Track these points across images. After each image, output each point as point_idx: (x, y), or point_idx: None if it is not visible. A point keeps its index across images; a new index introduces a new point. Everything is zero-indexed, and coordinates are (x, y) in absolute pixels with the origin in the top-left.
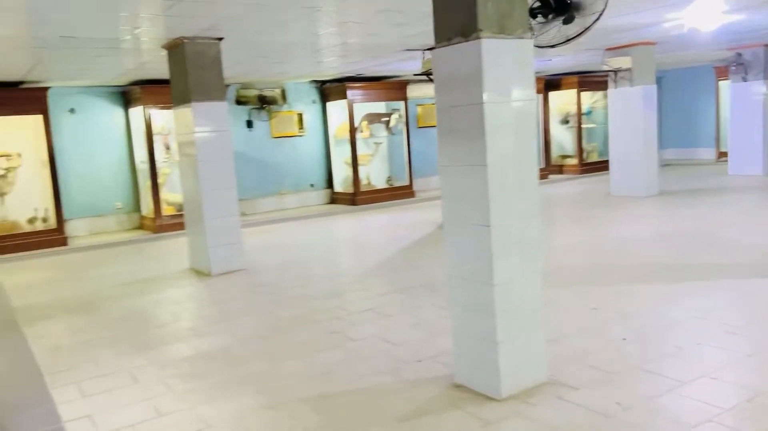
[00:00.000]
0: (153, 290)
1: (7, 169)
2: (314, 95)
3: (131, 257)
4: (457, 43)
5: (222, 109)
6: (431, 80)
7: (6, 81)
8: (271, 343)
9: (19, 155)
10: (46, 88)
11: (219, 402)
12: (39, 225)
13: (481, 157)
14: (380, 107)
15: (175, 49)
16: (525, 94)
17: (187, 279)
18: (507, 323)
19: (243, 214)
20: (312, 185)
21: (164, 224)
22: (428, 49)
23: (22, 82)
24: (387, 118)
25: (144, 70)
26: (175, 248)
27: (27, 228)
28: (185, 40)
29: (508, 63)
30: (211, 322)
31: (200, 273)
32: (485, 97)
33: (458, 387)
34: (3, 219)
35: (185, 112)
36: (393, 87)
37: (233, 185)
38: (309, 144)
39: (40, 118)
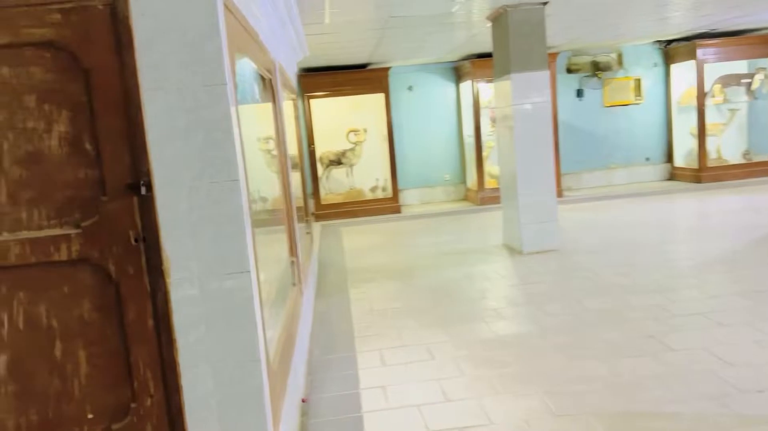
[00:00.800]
0: (465, 263)
1: (356, 143)
2: (656, 57)
3: (453, 227)
4: None
5: (543, 80)
6: None
7: (354, 64)
8: (574, 337)
9: (365, 130)
10: (387, 68)
11: (505, 398)
12: (379, 194)
13: None
14: (740, 67)
15: (498, 19)
16: None
17: (498, 255)
18: None
19: (567, 189)
20: (647, 159)
21: (486, 197)
22: None
23: (368, 64)
24: (749, 80)
25: (473, 43)
26: (493, 221)
27: (369, 196)
28: (508, 9)
29: None
30: (515, 304)
31: (512, 249)
32: None
33: None
34: (351, 187)
35: (505, 84)
36: (759, 42)
37: (551, 160)
38: (646, 112)
39: (381, 96)
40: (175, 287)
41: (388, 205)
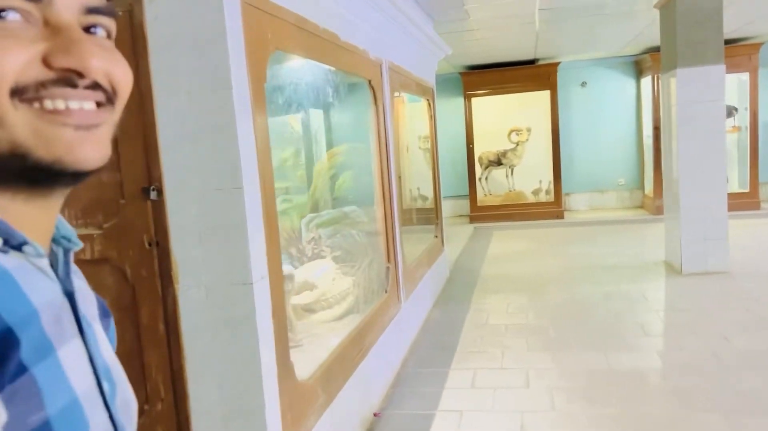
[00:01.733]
0: (612, 279)
1: (517, 143)
2: None
3: (616, 238)
4: None
5: (716, 75)
6: None
7: (521, 60)
8: (701, 381)
9: (528, 130)
10: (556, 64)
11: None
12: (541, 197)
13: None
14: None
15: (666, 6)
16: None
17: (653, 274)
18: None
19: (766, 200)
20: None
21: (662, 205)
22: None
23: (536, 60)
24: None
25: (653, 34)
26: (663, 235)
27: (530, 199)
28: None
29: None
30: (647, 334)
31: (671, 268)
32: None
33: None
34: (510, 189)
35: (671, 80)
36: None
37: (722, 168)
38: None
39: (547, 93)
40: (182, 293)
41: (550, 210)
